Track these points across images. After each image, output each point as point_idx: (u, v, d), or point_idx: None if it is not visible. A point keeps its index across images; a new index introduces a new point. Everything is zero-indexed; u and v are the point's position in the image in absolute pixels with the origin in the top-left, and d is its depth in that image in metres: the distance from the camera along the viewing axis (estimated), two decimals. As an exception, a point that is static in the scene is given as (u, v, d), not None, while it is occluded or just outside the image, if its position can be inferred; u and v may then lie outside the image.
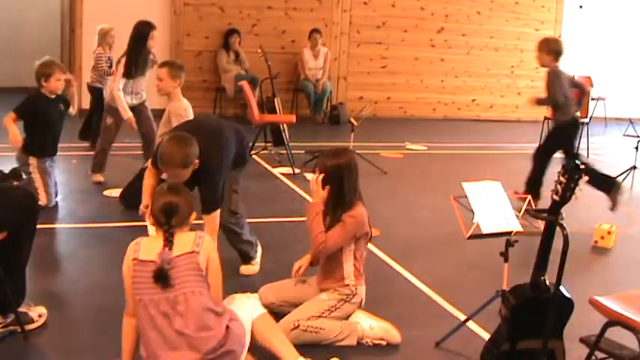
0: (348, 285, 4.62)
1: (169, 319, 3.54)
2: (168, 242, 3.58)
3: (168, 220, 3.62)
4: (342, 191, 4.55)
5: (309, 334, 4.45)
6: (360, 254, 4.68)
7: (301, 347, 4.13)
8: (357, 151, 9.23)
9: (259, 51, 10.81)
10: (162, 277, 3.52)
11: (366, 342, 4.55)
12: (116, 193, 7.45)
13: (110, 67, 9.58)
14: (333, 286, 4.62)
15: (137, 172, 7.00)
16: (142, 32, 7.94)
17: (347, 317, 4.64)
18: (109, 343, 4.09)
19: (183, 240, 3.64)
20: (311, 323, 4.47)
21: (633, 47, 16.08)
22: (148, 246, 3.63)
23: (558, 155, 7.62)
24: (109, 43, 9.84)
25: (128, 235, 4.46)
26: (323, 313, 4.54)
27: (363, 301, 4.71)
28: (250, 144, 7.65)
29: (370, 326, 4.59)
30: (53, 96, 6.89)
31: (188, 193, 3.83)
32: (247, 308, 3.90)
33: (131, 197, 6.72)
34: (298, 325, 4.43)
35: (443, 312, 5.12)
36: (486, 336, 4.49)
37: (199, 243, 3.65)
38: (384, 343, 4.55)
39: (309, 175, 4.87)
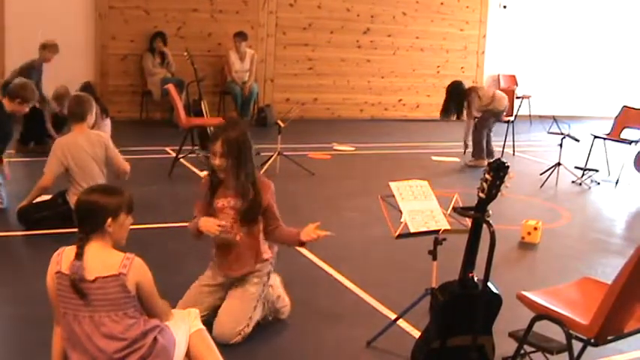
0: (266, 260, 4.64)
1: (92, 339, 3.38)
2: (79, 252, 3.34)
3: (81, 224, 3.39)
4: (246, 160, 4.51)
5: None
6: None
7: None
8: (285, 153, 9.28)
9: (185, 54, 10.77)
10: (76, 288, 3.32)
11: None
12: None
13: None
14: (251, 270, 4.59)
15: (52, 196, 6.66)
16: None
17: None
18: (33, 356, 4.00)
19: (111, 260, 3.38)
20: (252, 324, 4.53)
21: (556, 46, 16.36)
22: (70, 256, 3.38)
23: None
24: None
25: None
26: (256, 305, 4.56)
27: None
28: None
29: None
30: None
31: (120, 193, 3.48)
32: (185, 323, 3.74)
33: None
34: (241, 333, 4.46)
35: (373, 311, 5.13)
36: (417, 334, 4.50)
37: (127, 265, 3.37)
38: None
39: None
